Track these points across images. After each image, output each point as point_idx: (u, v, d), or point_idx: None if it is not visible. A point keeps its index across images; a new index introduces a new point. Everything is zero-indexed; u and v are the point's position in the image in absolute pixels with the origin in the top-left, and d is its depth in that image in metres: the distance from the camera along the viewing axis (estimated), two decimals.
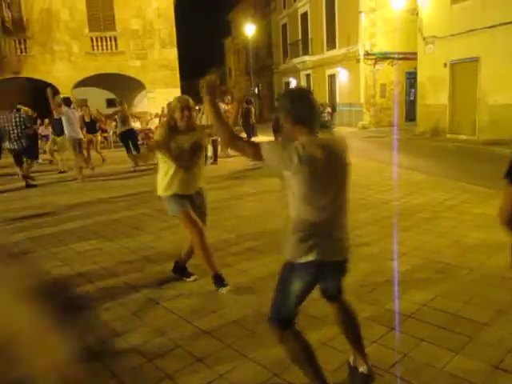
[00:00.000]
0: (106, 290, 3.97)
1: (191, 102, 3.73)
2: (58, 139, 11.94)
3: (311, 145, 2.12)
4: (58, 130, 11.44)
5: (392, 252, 4.46)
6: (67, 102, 10.21)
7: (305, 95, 2.25)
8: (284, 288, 2.24)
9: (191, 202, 3.82)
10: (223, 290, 3.78)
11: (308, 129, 2.18)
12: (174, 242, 5.15)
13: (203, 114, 12.30)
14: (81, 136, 10.30)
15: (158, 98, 20.66)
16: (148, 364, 2.79)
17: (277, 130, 14.53)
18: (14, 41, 20.11)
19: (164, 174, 3.75)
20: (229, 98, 14.98)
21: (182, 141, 3.66)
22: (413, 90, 20.38)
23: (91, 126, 11.92)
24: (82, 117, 11.48)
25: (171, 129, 3.70)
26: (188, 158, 3.70)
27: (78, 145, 10.04)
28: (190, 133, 3.71)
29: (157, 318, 3.38)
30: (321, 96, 24.06)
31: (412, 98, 20.61)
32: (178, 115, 3.68)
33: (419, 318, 3.15)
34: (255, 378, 2.61)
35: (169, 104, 9.29)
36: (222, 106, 13.64)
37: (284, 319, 2.25)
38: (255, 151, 2.17)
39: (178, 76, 22.41)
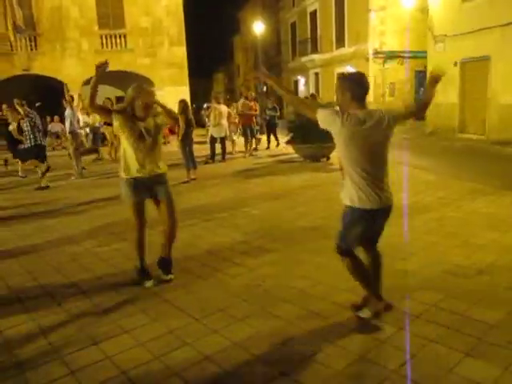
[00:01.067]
0: (114, 287, 3.99)
1: (153, 94, 3.92)
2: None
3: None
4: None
5: (400, 252, 4.44)
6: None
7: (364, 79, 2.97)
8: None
9: (148, 188, 3.92)
10: (148, 284, 3.96)
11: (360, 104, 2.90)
12: (183, 240, 5.17)
13: (209, 113, 12.34)
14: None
15: (166, 95, 20.63)
16: (156, 361, 2.80)
17: (270, 130, 14.51)
18: (25, 38, 20.24)
19: (122, 155, 3.94)
20: (252, 94, 14.68)
21: (139, 124, 3.83)
22: (422, 89, 20.25)
23: None
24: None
25: (128, 115, 3.84)
26: (145, 139, 3.84)
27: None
28: (148, 119, 3.89)
29: (165, 316, 3.39)
30: (329, 94, 23.98)
31: (421, 97, 20.47)
32: (140, 105, 3.80)
33: (427, 319, 3.14)
34: (263, 376, 2.61)
35: (180, 101, 9.31)
36: (246, 102, 13.46)
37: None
38: (313, 116, 3.05)
39: (186, 74, 22.44)
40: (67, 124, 10.33)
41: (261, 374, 2.63)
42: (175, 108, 9.82)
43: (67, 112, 10.33)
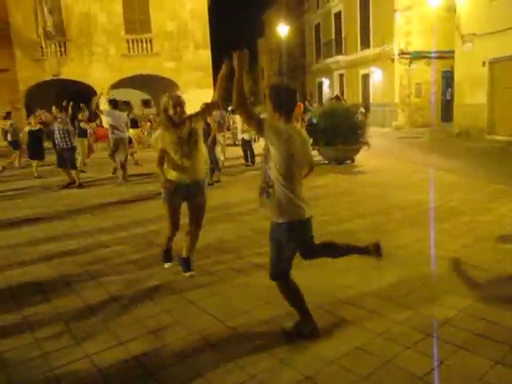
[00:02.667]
0: (139, 288, 4.04)
1: (183, 98, 4.10)
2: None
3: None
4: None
5: (428, 255, 4.36)
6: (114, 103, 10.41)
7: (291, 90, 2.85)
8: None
9: (187, 192, 4.13)
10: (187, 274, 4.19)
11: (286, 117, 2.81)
12: (206, 241, 5.22)
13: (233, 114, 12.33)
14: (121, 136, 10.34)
15: (191, 98, 20.80)
16: (181, 363, 2.82)
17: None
18: (55, 44, 20.77)
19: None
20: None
21: (180, 133, 4.01)
22: (449, 90, 19.90)
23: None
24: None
25: (169, 123, 4.02)
26: (187, 147, 4.04)
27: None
28: (183, 124, 4.05)
29: (189, 317, 3.42)
30: (354, 96, 23.79)
31: (448, 98, 20.13)
32: (171, 111, 3.99)
33: (456, 325, 3.06)
34: (288, 380, 2.60)
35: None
36: None
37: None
38: (259, 127, 2.77)
39: (211, 77, 22.62)
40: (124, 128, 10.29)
41: (286, 378, 2.62)
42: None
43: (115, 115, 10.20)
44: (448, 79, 19.80)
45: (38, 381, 2.73)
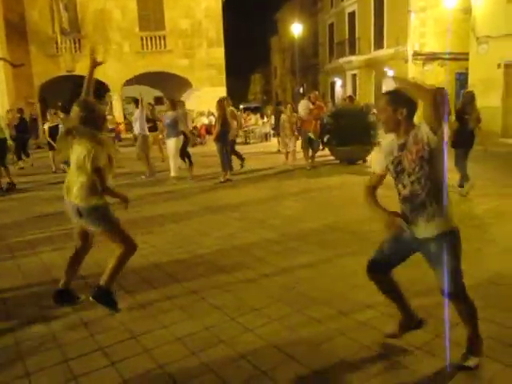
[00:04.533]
0: (152, 283, 4.09)
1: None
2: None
3: None
4: None
5: None
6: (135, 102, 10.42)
7: None
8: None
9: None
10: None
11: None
12: (218, 240, 5.26)
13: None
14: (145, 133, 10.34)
15: (204, 96, 20.99)
16: (192, 357, 2.87)
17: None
18: (70, 40, 20.97)
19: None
20: (316, 93, 12.25)
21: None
22: (462, 92, 19.72)
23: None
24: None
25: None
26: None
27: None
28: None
29: (202, 314, 3.45)
30: (367, 97, 23.68)
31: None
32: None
33: None
34: (298, 377, 2.63)
35: (218, 101, 9.34)
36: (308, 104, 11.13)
37: None
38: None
39: (224, 75, 22.72)
40: (137, 126, 10.30)
41: (295, 375, 2.65)
42: (213, 108, 9.80)
43: (136, 114, 10.38)
44: (462, 81, 19.63)
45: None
